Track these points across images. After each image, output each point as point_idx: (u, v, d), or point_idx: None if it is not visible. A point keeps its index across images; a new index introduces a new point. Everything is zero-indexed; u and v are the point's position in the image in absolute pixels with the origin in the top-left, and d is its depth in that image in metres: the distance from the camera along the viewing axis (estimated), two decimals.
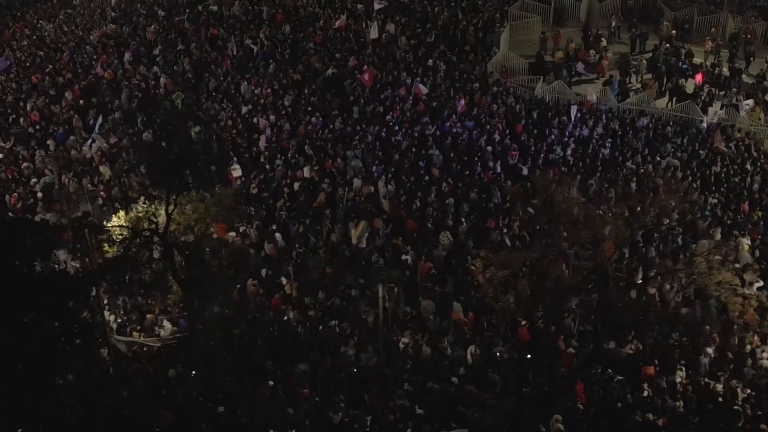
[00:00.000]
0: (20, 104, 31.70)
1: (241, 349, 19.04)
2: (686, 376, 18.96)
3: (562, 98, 32.04)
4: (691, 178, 26.38)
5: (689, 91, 32.66)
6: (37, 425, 15.28)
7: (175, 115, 23.28)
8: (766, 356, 19.60)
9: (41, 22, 39.25)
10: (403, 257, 23.09)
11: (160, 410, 17.51)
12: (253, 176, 26.49)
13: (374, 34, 35.52)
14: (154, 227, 17.31)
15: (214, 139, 24.67)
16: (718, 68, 34.23)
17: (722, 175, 26.85)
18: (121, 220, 18.20)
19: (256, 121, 30.11)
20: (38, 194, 26.10)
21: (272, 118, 30.15)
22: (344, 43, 36.10)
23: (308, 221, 24.53)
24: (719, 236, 23.58)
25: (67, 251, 19.74)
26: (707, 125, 29.42)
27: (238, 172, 26.43)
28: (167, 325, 20.37)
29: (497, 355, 19.37)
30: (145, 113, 30.54)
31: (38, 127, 30.13)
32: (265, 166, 27.41)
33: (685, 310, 20.36)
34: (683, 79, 33.38)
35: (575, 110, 29.59)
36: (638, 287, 20.62)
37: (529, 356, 19.56)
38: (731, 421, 17.22)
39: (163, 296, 18.95)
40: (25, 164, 27.76)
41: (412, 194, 25.58)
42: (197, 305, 18.25)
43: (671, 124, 30.11)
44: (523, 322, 20.25)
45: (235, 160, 26.19)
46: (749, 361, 19.51)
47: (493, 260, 18.83)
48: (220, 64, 34.44)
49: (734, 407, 17.45)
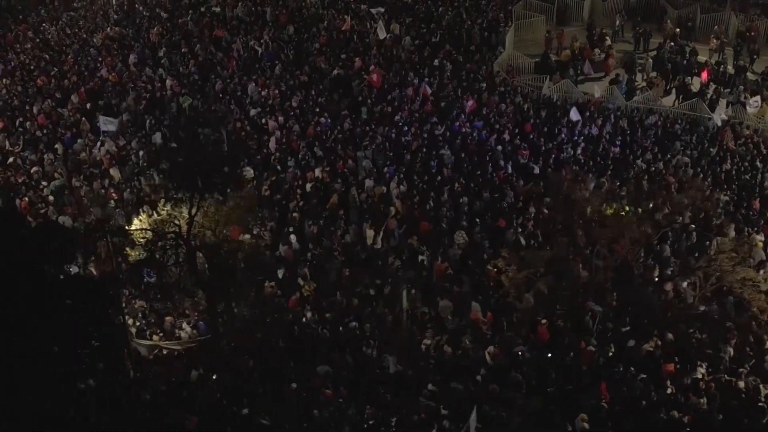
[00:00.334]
0: (26, 108, 31.49)
1: (262, 351, 18.99)
2: (707, 373, 19.01)
3: (569, 97, 32.09)
4: (702, 175, 26.45)
5: (695, 89, 32.73)
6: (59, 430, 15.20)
7: (195, 117, 23.02)
8: None
9: (44, 24, 39.03)
10: (419, 257, 23.10)
11: (184, 414, 17.45)
12: (264, 178, 26.42)
13: (381, 34, 35.52)
14: (177, 230, 17.22)
15: (235, 140, 24.55)
16: (723, 66, 34.35)
17: (733, 172, 26.94)
18: (143, 223, 18.13)
19: (264, 122, 30.04)
20: (50, 198, 25.92)
21: (281, 119, 30.10)
22: (349, 43, 36.08)
23: (322, 222, 24.50)
24: (733, 233, 23.69)
25: (84, 255, 19.59)
26: (721, 123, 29.44)
27: (249, 174, 26.37)
28: (186, 327, 20.30)
29: (518, 354, 19.35)
30: (153, 115, 30.46)
31: (46, 130, 29.93)
32: (275, 167, 27.35)
33: (703, 307, 20.46)
34: (689, 77, 33.47)
35: (575, 112, 29.58)
36: (657, 285, 20.64)
37: (549, 355, 19.58)
38: (756, 417, 17.27)
39: (185, 299, 18.85)
40: (34, 168, 27.60)
41: (424, 194, 25.57)
42: (220, 308, 18.14)
43: (680, 122, 30.18)
44: (543, 321, 20.25)
45: (245, 161, 26.08)
46: None
47: (514, 260, 18.76)
48: (225, 65, 34.36)
49: (758, 404, 17.48)
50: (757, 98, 31.23)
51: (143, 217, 18.93)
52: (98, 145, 28.75)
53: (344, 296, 21.64)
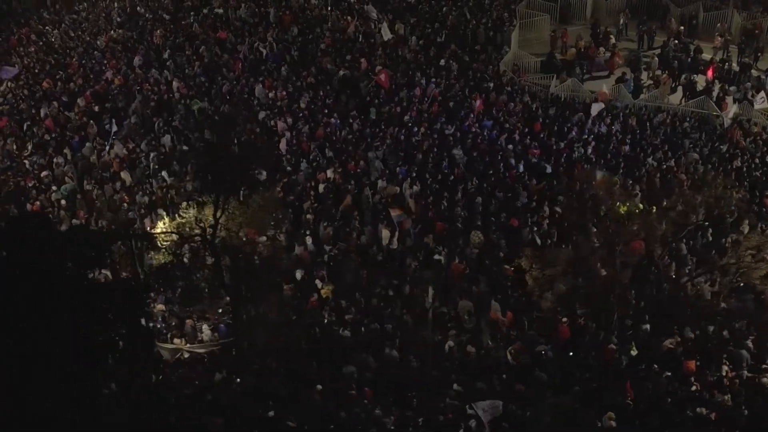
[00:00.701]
0: (33, 111, 31.31)
1: (285, 353, 18.95)
2: (729, 370, 19.06)
3: (576, 96, 32.16)
4: (713, 173, 26.54)
5: (700, 87, 32.84)
6: None
7: (220, 119, 22.95)
8: None
9: (47, 27, 38.81)
10: (435, 257, 23.10)
11: (210, 417, 17.39)
12: (277, 179, 26.34)
13: (386, 35, 35.48)
14: (202, 233, 17.16)
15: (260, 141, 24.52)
16: (727, 63, 34.48)
17: (744, 169, 27.04)
18: (166, 226, 18.05)
19: (273, 124, 29.95)
20: (62, 202, 25.78)
21: (289, 120, 30.03)
22: (354, 44, 36.02)
23: (337, 223, 24.46)
24: (747, 230, 23.80)
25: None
26: (731, 120, 29.55)
27: (262, 176, 26.27)
28: (206, 330, 20.22)
29: (541, 353, 19.37)
30: (161, 118, 30.35)
31: (54, 134, 29.78)
32: (286, 168, 27.26)
33: (723, 304, 20.55)
34: (694, 74, 33.59)
35: (596, 108, 29.66)
36: (677, 282, 20.71)
37: (571, 354, 19.63)
38: None
39: (211, 302, 18.79)
40: (44, 172, 27.44)
41: (438, 194, 25.56)
42: (245, 310, 18.09)
43: (688, 119, 30.28)
44: (563, 319, 20.28)
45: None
46: None
47: (537, 259, 18.78)
48: (231, 67, 34.25)
49: None
50: (762, 95, 31.34)
51: (167, 220, 18.79)
52: (107, 148, 28.57)
53: (363, 297, 21.61)
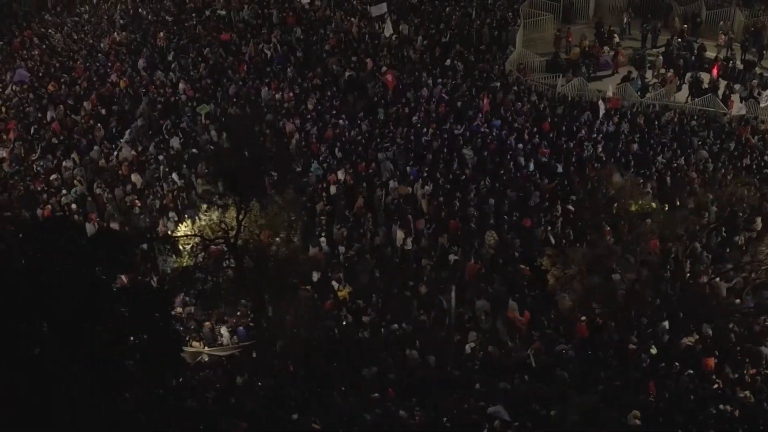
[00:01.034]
0: (39, 115, 31.17)
1: (306, 355, 18.91)
2: (749, 367, 19.12)
3: (583, 95, 32.22)
4: (724, 170, 26.63)
5: (706, 85, 32.94)
6: None
7: (242, 121, 22.88)
8: None
9: (50, 30, 38.62)
10: (450, 257, 23.10)
11: (233, 420, 17.34)
12: (288, 181, 26.23)
13: (388, 31, 35.51)
14: (225, 235, 17.10)
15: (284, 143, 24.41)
16: (731, 61, 34.60)
17: (753, 167, 27.14)
18: (187, 229, 17.97)
19: (282, 125, 29.87)
20: (72, 205, 25.66)
21: (297, 122, 29.98)
22: (359, 44, 36.00)
23: (350, 225, 24.43)
24: (760, 227, 23.89)
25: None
26: (740, 117, 29.67)
27: (273, 177, 26.20)
28: (225, 333, 20.15)
29: (562, 352, 19.39)
30: (169, 120, 30.26)
31: (62, 137, 29.64)
32: (295, 170, 27.15)
33: (738, 301, 20.63)
34: (699, 72, 33.69)
35: (603, 107, 29.73)
36: (698, 280, 20.77)
37: (590, 353, 19.65)
38: None
39: (230, 305, 18.73)
40: (53, 176, 27.31)
41: (450, 194, 25.56)
42: (267, 313, 18.03)
43: (696, 118, 30.36)
44: (582, 318, 20.30)
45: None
46: None
47: (559, 258, 18.81)
48: (236, 69, 34.16)
49: None
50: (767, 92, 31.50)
51: (188, 223, 18.71)
52: (116, 152, 28.46)
53: (380, 298, 21.60)
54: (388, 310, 21.26)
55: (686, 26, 36.63)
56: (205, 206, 18.10)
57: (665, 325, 20.17)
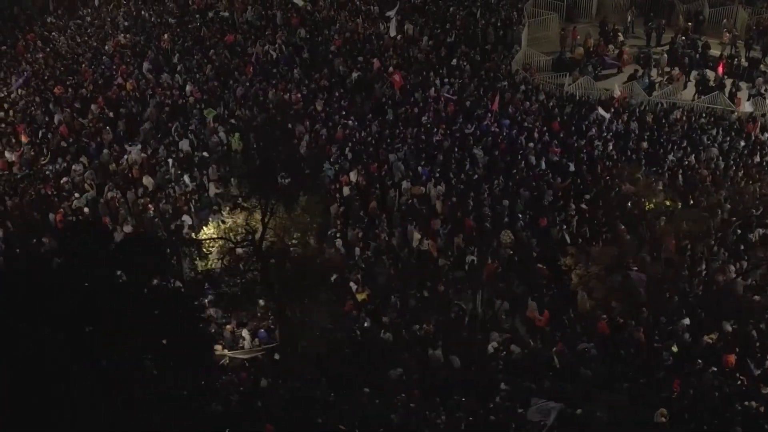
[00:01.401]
0: (46, 118, 31.02)
1: (329, 357, 18.88)
2: None
3: (590, 94, 32.29)
4: (734, 168, 26.76)
5: (712, 83, 33.07)
6: None
7: (267, 123, 22.81)
8: None
9: (53, 33, 38.42)
10: (468, 258, 23.12)
11: (259, 423, 17.30)
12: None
13: (393, 31, 35.52)
14: (252, 237, 17.05)
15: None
16: (736, 59, 34.75)
17: (764, 164, 27.26)
18: (211, 231, 17.91)
19: (291, 127, 29.75)
20: (85, 209, 25.54)
21: (307, 123, 29.92)
22: (365, 45, 35.95)
23: (365, 226, 24.40)
24: None
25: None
26: (750, 114, 29.81)
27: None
28: (246, 336, 20.10)
29: (585, 351, 19.42)
30: (177, 123, 30.17)
31: (71, 140, 29.50)
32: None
33: (758, 298, 20.71)
34: (704, 70, 33.81)
35: (602, 110, 29.83)
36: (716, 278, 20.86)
37: (612, 351, 19.69)
38: None
39: (251, 307, 18.69)
40: (64, 179, 27.19)
41: (464, 194, 25.56)
42: (291, 315, 18.00)
43: (704, 115, 30.48)
44: (603, 316, 20.35)
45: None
46: None
47: (582, 257, 18.84)
48: (242, 70, 34.07)
49: None
50: None
51: (212, 225, 18.64)
52: (126, 155, 28.35)
53: (399, 299, 21.59)
54: (407, 310, 21.26)
55: (690, 24, 36.74)
56: (227, 209, 18.02)
57: (685, 322, 20.26)
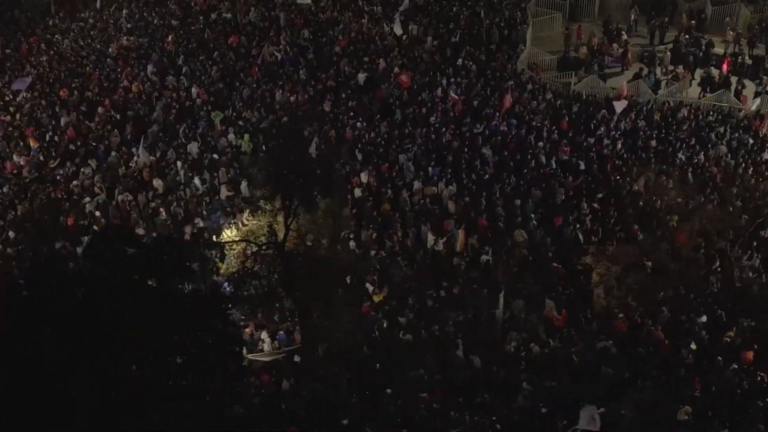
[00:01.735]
0: (53, 121, 30.89)
1: (349, 359, 18.89)
2: None
3: (597, 92, 32.36)
4: (744, 165, 26.86)
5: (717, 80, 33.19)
6: None
7: (290, 126, 22.78)
8: None
9: (57, 36, 38.26)
10: (482, 258, 23.15)
11: (283, 425, 17.29)
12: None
13: (398, 30, 35.53)
14: (275, 239, 17.03)
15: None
16: (740, 57, 34.88)
17: None
18: (232, 233, 17.88)
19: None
20: (96, 213, 25.45)
21: (315, 125, 29.85)
22: (369, 45, 35.92)
23: (379, 227, 24.39)
24: None
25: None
26: (757, 112, 29.95)
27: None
28: (266, 338, 20.06)
29: (604, 349, 19.47)
30: (185, 125, 30.10)
31: (79, 143, 29.39)
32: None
33: None
34: (708, 68, 33.95)
35: (620, 106, 29.86)
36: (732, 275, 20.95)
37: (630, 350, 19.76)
38: None
39: (276, 310, 18.66)
40: (74, 182, 27.09)
41: (477, 194, 25.58)
42: (314, 317, 17.99)
43: (711, 113, 30.59)
44: (620, 315, 20.41)
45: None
46: None
47: (603, 256, 18.89)
48: (248, 72, 34.01)
49: None
50: None
51: (234, 228, 18.60)
52: (135, 158, 28.27)
53: (416, 300, 21.60)
54: (425, 311, 21.27)
55: (693, 22, 36.85)
56: (247, 211, 17.99)
57: (702, 320, 20.35)
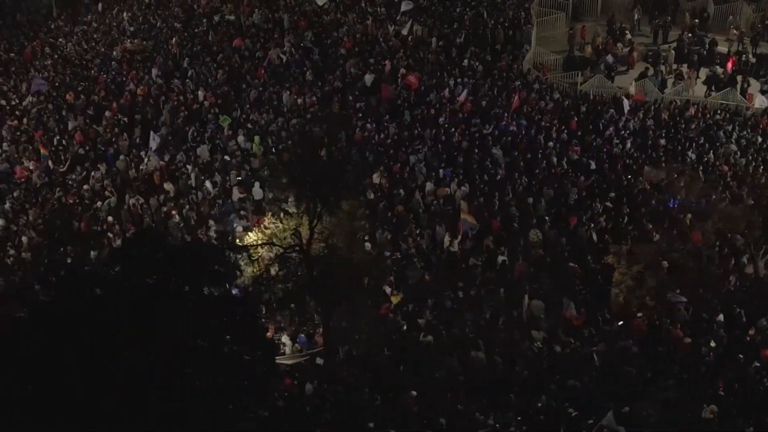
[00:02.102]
0: (61, 126, 30.78)
1: (371, 361, 18.88)
2: None
3: (604, 92, 32.45)
4: (755, 163, 27.00)
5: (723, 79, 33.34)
6: None
7: (314, 128, 22.76)
8: None
9: (60, 40, 38.13)
10: (499, 258, 23.18)
11: (308, 428, 17.27)
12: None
13: (406, 30, 35.61)
14: (299, 243, 17.01)
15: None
16: (744, 56, 35.05)
17: None
18: (256, 236, 17.84)
19: (308, 129, 29.66)
20: (109, 218, 25.37)
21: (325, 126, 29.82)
22: (374, 47, 35.93)
23: (394, 228, 24.39)
24: None
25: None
26: (765, 110, 30.12)
27: None
28: (287, 341, 20.05)
29: (626, 348, 19.51)
30: (194, 128, 30.05)
31: (87, 147, 29.29)
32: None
33: None
34: (714, 66, 34.09)
35: (627, 103, 29.98)
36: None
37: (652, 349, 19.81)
38: None
39: (297, 312, 18.65)
40: (85, 186, 27.00)
41: (490, 195, 25.61)
42: (335, 319, 17.98)
43: (719, 112, 30.72)
44: (638, 314, 20.46)
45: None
46: None
47: (624, 255, 18.95)
48: (254, 75, 33.96)
49: None
50: None
51: (256, 231, 18.56)
52: (146, 160, 28.20)
53: (434, 301, 21.61)
54: (443, 312, 21.28)
55: (696, 21, 37.01)
56: (269, 214, 17.97)
57: (720, 318, 20.42)
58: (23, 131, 30.52)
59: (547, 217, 24.71)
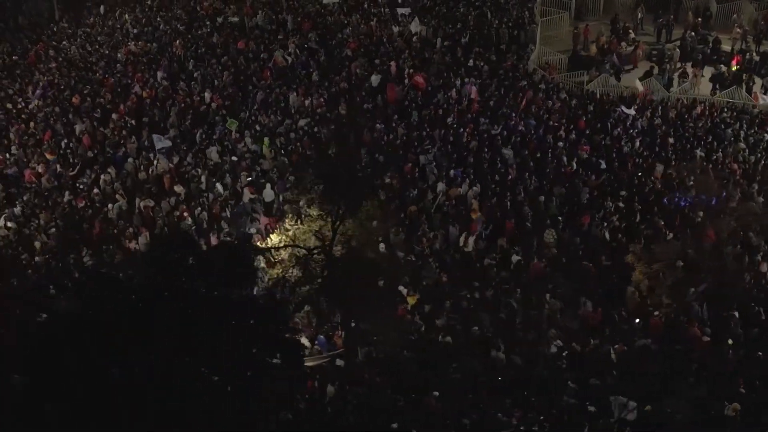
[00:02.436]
0: (68, 129, 30.66)
1: (391, 363, 18.88)
2: None
3: (610, 91, 32.54)
4: (763, 161, 27.12)
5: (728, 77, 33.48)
6: None
7: (340, 131, 22.74)
8: None
9: (64, 42, 38.00)
10: (513, 258, 23.22)
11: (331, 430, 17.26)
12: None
13: (415, 28, 35.67)
14: (322, 244, 17.02)
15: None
16: (748, 54, 35.19)
17: None
18: (278, 239, 17.83)
19: (317, 131, 29.68)
20: (120, 221, 25.31)
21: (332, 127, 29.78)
22: (379, 47, 35.92)
23: (408, 229, 24.39)
24: None
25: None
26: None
27: None
28: (306, 343, 19.99)
29: (645, 347, 19.58)
30: (202, 130, 29.99)
31: (96, 151, 29.20)
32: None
33: None
34: (720, 65, 34.24)
35: (626, 108, 30.11)
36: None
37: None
38: None
39: (316, 314, 18.64)
40: (95, 190, 26.91)
41: (502, 194, 25.65)
42: (354, 320, 17.99)
43: (726, 110, 30.84)
44: (655, 313, 20.54)
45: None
46: None
47: (644, 254, 19.01)
48: (260, 76, 33.91)
49: None
50: None
51: (278, 233, 18.55)
52: (155, 163, 28.12)
53: (451, 301, 21.62)
54: (460, 312, 21.31)
55: (699, 20, 37.13)
56: (289, 216, 17.96)
57: (735, 315, 20.51)
58: (30, 135, 30.37)
59: (560, 216, 24.77)
